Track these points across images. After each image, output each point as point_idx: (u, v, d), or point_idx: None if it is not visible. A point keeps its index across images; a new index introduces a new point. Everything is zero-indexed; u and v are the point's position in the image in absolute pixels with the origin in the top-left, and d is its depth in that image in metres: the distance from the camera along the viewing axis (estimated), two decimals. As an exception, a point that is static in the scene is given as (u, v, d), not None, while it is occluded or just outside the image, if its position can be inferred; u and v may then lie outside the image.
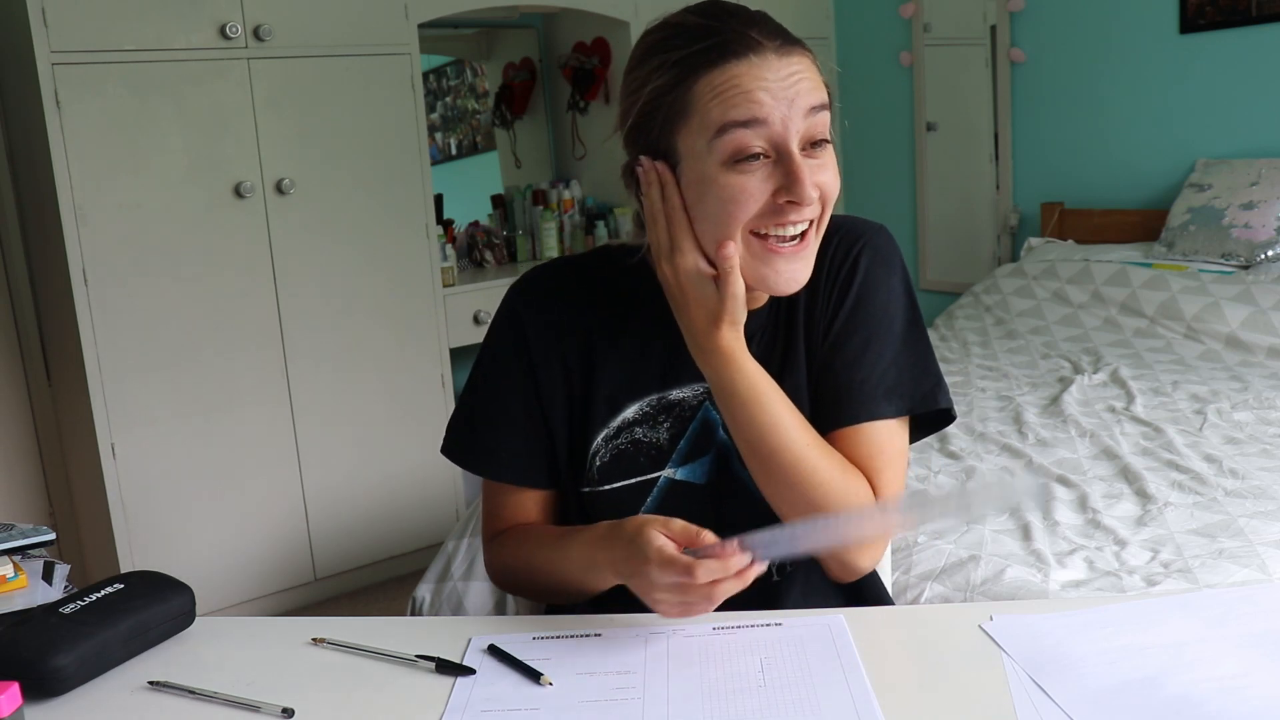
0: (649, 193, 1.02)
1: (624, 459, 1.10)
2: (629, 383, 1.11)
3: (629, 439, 1.10)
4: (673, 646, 0.96)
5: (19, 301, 2.97)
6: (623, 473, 1.10)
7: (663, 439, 1.10)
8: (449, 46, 3.85)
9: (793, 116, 0.96)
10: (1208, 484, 1.86)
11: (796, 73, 0.97)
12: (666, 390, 1.11)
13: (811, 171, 0.97)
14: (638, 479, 1.10)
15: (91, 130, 2.66)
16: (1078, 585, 1.56)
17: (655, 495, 1.10)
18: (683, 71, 0.98)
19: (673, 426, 1.10)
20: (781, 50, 0.97)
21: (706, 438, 1.10)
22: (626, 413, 1.10)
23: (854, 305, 1.08)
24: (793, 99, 0.96)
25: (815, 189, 0.97)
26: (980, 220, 3.95)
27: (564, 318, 1.12)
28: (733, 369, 1.01)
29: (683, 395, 1.11)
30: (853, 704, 0.85)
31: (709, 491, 1.10)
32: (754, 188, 0.97)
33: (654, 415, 1.10)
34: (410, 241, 3.20)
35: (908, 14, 3.99)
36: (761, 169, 0.97)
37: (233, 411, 2.92)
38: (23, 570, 1.22)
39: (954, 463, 2.09)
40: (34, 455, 3.05)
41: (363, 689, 0.93)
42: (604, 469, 1.10)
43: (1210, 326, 2.81)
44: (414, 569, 3.12)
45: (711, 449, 1.10)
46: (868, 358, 1.07)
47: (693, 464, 1.10)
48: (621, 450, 1.10)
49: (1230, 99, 3.23)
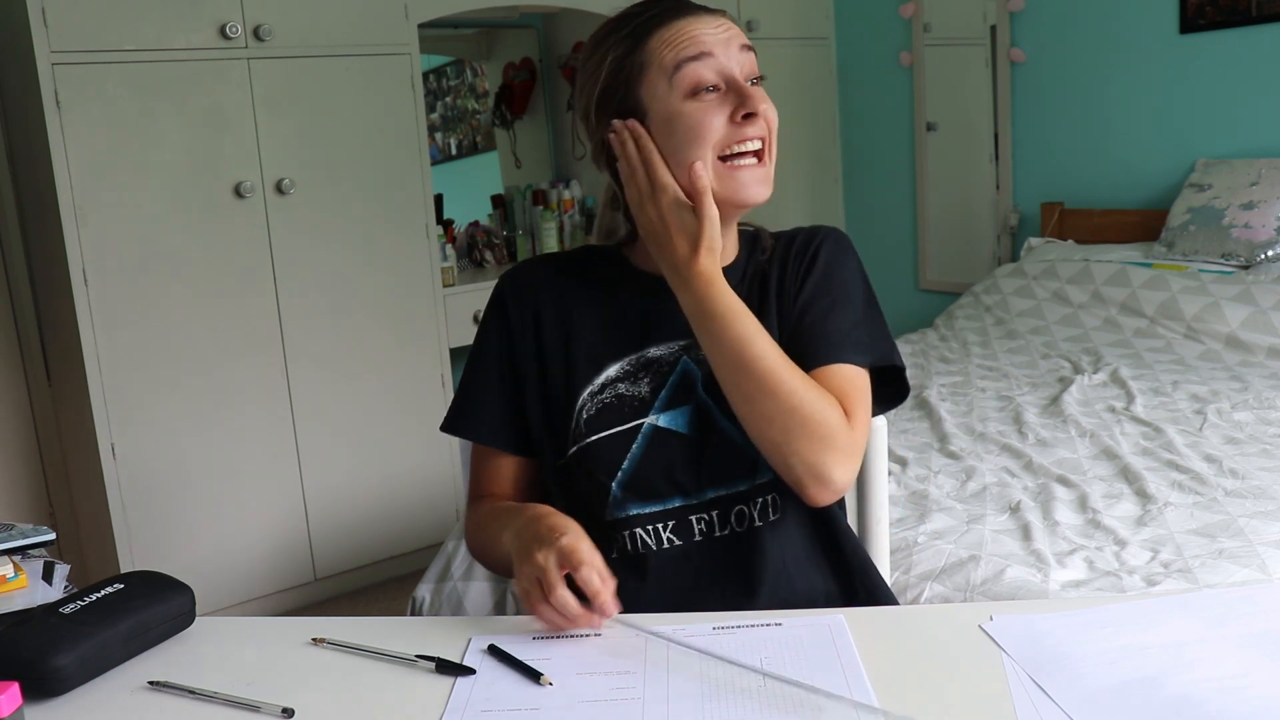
0: (624, 149, 1.14)
1: (608, 411, 1.18)
2: (608, 342, 1.20)
3: (613, 394, 1.18)
4: (673, 647, 0.96)
5: (19, 301, 2.97)
6: (607, 423, 1.17)
7: (644, 391, 1.18)
8: (449, 46, 3.85)
9: (731, 53, 1.13)
10: (1208, 484, 1.86)
11: (729, 27, 1.16)
12: (645, 349, 1.20)
13: (757, 98, 1.13)
14: (621, 427, 1.17)
15: (91, 130, 2.66)
16: (1078, 585, 1.56)
17: (640, 442, 1.17)
18: (637, 35, 1.15)
19: (653, 380, 1.19)
20: (713, 14, 1.16)
21: (686, 390, 1.18)
22: (609, 370, 1.19)
23: (820, 276, 1.20)
24: (728, 40, 1.14)
25: (762, 119, 1.13)
26: (980, 220, 3.95)
27: (542, 291, 1.23)
28: (713, 290, 1.10)
29: (661, 353, 1.20)
30: (853, 704, 0.85)
31: (691, 441, 1.17)
32: (713, 112, 1.12)
33: (634, 372, 1.19)
34: (410, 241, 3.20)
35: (908, 14, 3.99)
36: (716, 98, 1.12)
37: (233, 411, 2.92)
38: (23, 570, 1.23)
39: (954, 463, 2.10)
40: (34, 455, 3.05)
41: (363, 689, 0.93)
42: (590, 421, 1.17)
43: (1210, 326, 2.81)
44: (414, 569, 3.12)
45: (691, 401, 1.18)
46: (834, 316, 1.18)
47: (674, 412, 1.17)
48: (606, 404, 1.18)
49: (1230, 99, 3.23)
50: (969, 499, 1.92)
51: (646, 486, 1.16)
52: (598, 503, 1.17)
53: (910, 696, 0.86)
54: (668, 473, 1.16)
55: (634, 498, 1.16)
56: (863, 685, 0.87)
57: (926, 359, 3.01)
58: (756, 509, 1.16)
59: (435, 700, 0.90)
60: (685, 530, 1.16)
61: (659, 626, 0.99)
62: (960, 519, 1.82)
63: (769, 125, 1.14)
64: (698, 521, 1.16)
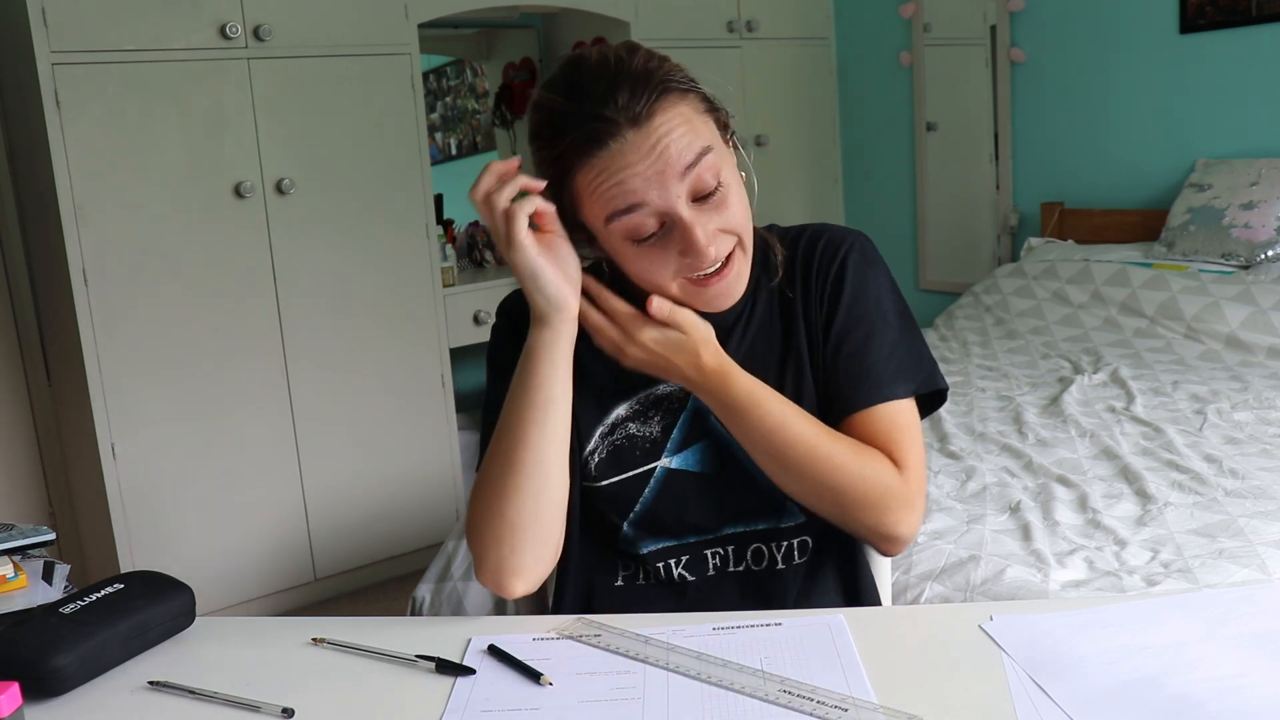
0: (583, 316, 1.07)
1: (620, 454, 1.14)
2: (614, 383, 1.15)
3: (623, 434, 1.15)
4: (673, 647, 0.96)
5: (19, 301, 2.97)
6: (619, 467, 1.14)
7: (655, 432, 1.14)
8: (449, 46, 3.85)
9: (668, 186, 1.00)
10: (1208, 484, 1.86)
11: (661, 139, 1.00)
12: (653, 386, 1.15)
13: (709, 222, 1.03)
14: (634, 472, 1.14)
15: (91, 130, 2.66)
16: (1078, 585, 1.56)
17: (653, 485, 1.14)
18: (560, 168, 1.03)
19: (664, 418, 1.15)
20: (640, 121, 0.99)
21: (698, 426, 1.14)
22: (618, 410, 1.15)
23: (850, 299, 1.13)
24: (663, 170, 1.00)
25: (715, 242, 1.03)
26: (980, 220, 3.95)
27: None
28: (730, 385, 1.06)
29: (670, 389, 1.15)
30: (853, 704, 0.85)
31: (708, 480, 1.14)
32: (659, 256, 1.04)
33: (644, 411, 1.15)
34: (410, 241, 3.20)
35: (908, 14, 3.99)
36: (662, 238, 1.03)
37: (233, 411, 2.92)
38: (23, 570, 1.23)
39: (954, 463, 2.10)
40: (34, 455, 3.05)
41: (363, 689, 0.93)
42: (600, 465, 1.14)
43: (1210, 326, 2.81)
44: (414, 569, 3.12)
45: (705, 437, 1.14)
46: (872, 346, 1.12)
47: (687, 452, 1.14)
48: (617, 446, 1.14)
49: (1230, 99, 3.23)
50: (969, 499, 1.92)
51: (659, 526, 1.14)
52: (609, 537, 1.16)
53: (910, 696, 0.86)
54: (680, 515, 1.14)
55: (646, 536, 1.15)
56: (863, 685, 0.87)
57: (926, 359, 3.00)
58: (780, 551, 1.14)
59: (435, 700, 0.89)
60: (699, 565, 1.15)
61: (659, 627, 0.99)
62: (960, 519, 1.82)
63: (734, 232, 1.05)
64: (712, 555, 1.15)
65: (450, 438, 3.32)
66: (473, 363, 3.77)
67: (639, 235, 1.02)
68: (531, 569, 1.07)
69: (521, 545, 1.06)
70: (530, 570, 1.07)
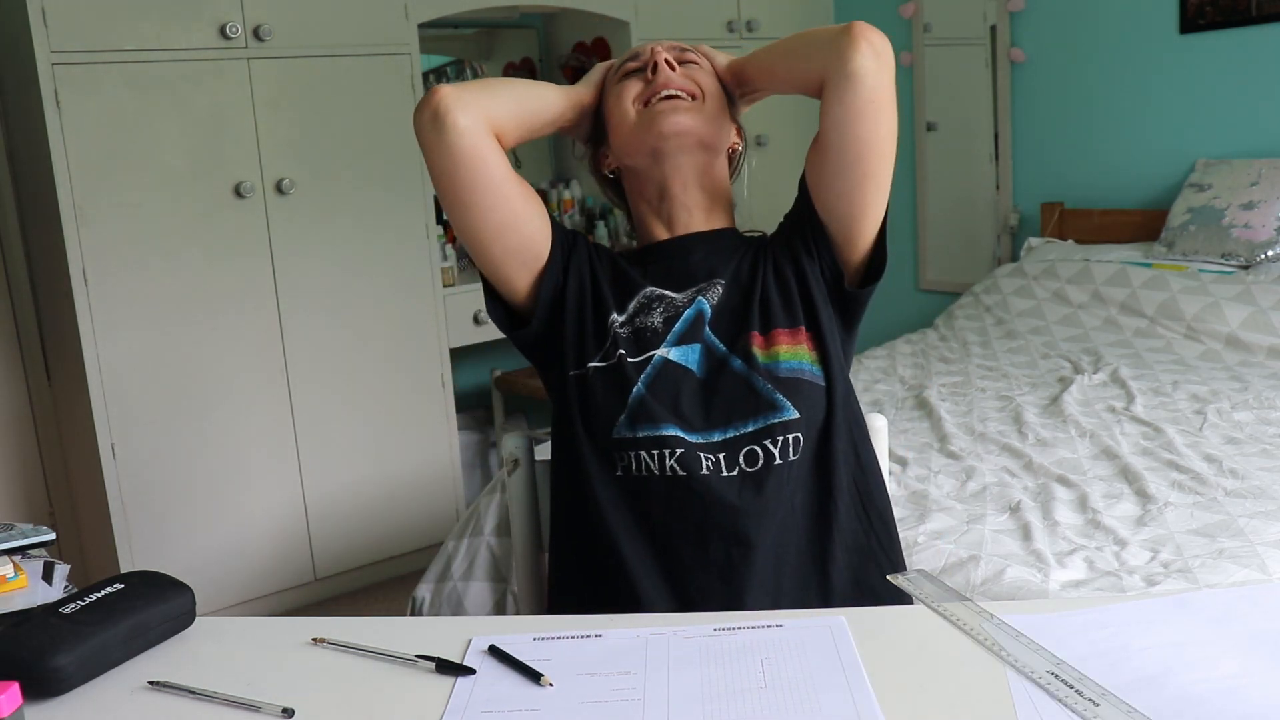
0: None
1: (636, 338, 1.26)
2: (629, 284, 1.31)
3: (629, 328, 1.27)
4: (673, 647, 0.96)
5: (19, 301, 2.97)
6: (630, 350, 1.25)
7: (657, 323, 1.26)
8: (449, 46, 3.85)
9: (659, 49, 1.31)
10: (1208, 484, 1.86)
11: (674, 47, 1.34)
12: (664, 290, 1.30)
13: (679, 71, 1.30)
14: (638, 358, 1.24)
15: (91, 130, 2.66)
16: (1078, 585, 1.56)
17: (649, 372, 1.23)
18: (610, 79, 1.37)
19: (666, 311, 1.27)
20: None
21: (697, 328, 1.25)
22: (632, 303, 1.29)
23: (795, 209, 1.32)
24: (664, 49, 1.31)
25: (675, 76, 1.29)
26: (980, 220, 3.95)
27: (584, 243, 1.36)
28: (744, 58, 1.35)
29: (674, 294, 1.29)
30: (854, 705, 0.85)
31: (701, 383, 1.23)
32: (632, 85, 1.31)
33: (648, 304, 1.28)
34: (410, 241, 3.20)
35: (908, 14, 3.99)
36: (640, 76, 1.31)
37: (233, 411, 2.92)
38: (23, 570, 1.22)
39: (954, 463, 2.09)
40: (34, 455, 3.05)
41: (363, 689, 0.93)
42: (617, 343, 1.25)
43: (1210, 326, 2.81)
44: (414, 569, 3.12)
45: (700, 342, 1.24)
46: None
47: (685, 347, 1.24)
48: (637, 328, 1.27)
49: (1230, 99, 3.23)
50: (969, 499, 1.92)
51: (651, 414, 1.19)
52: (604, 420, 1.20)
53: (910, 697, 0.86)
54: (673, 405, 1.20)
55: (642, 422, 1.19)
56: (863, 685, 0.87)
57: (926, 359, 3.01)
58: (777, 447, 1.19)
59: (435, 700, 0.90)
60: (693, 463, 1.18)
61: (659, 627, 0.99)
62: (960, 519, 1.82)
63: (696, 81, 1.29)
64: (705, 458, 1.19)
65: (450, 438, 3.32)
66: (473, 362, 3.77)
67: (626, 70, 1.31)
68: (479, 114, 1.21)
69: (480, 101, 1.22)
70: (474, 107, 1.20)
